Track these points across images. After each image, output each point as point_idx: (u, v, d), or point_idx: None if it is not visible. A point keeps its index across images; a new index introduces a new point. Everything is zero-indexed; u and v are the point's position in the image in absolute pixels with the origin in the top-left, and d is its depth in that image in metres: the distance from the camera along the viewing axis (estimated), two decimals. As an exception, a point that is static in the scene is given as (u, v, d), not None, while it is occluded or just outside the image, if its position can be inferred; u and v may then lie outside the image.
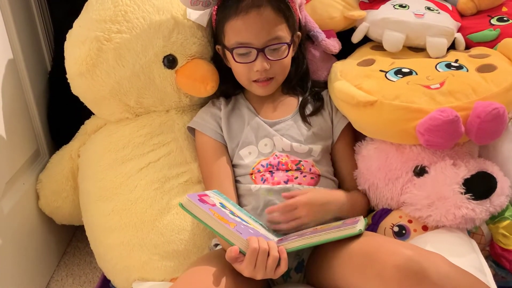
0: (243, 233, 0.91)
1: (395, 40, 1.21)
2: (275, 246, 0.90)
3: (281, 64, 1.11)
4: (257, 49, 1.07)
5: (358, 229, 0.92)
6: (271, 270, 0.88)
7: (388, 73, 1.12)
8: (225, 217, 0.93)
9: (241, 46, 1.08)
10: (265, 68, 1.09)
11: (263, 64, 1.08)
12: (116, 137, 1.21)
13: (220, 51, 1.16)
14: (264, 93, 1.15)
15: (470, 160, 1.08)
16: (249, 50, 1.08)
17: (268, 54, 1.08)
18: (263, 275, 0.88)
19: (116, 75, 1.15)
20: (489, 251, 1.12)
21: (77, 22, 1.18)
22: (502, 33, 1.21)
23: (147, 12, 1.14)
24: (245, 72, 1.12)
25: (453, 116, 0.98)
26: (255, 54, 1.08)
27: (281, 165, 1.09)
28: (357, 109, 1.08)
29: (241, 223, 0.96)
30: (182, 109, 1.23)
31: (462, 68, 1.11)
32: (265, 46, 1.07)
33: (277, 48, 1.09)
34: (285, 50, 1.10)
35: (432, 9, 1.26)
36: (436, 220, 1.05)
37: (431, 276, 0.78)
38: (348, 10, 1.28)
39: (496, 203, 1.04)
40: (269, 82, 1.12)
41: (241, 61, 1.10)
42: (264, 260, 0.88)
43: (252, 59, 1.09)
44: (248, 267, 0.88)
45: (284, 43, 1.09)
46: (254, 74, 1.10)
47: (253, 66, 1.09)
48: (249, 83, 1.14)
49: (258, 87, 1.13)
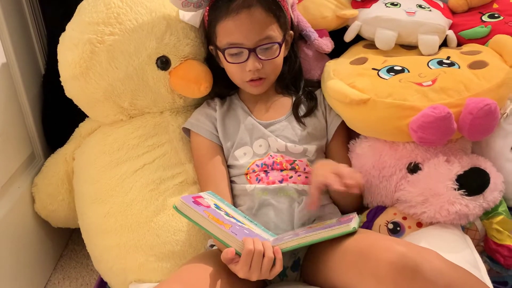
0: (238, 234, 0.91)
1: (387, 38, 1.21)
2: (270, 246, 0.90)
3: (273, 64, 1.12)
4: (248, 49, 1.08)
5: (352, 227, 0.92)
6: (266, 271, 0.88)
7: (381, 71, 1.12)
8: (220, 219, 0.93)
9: (233, 46, 1.08)
10: (257, 68, 1.09)
11: (254, 64, 1.08)
12: (111, 139, 1.21)
13: (213, 51, 1.17)
14: (257, 92, 1.16)
15: (463, 156, 1.08)
16: (241, 50, 1.08)
17: (259, 54, 1.08)
18: (258, 276, 0.89)
19: (110, 77, 1.15)
20: (483, 247, 1.13)
21: (70, 25, 1.18)
22: (493, 30, 1.22)
23: (140, 14, 1.14)
24: (238, 72, 1.12)
25: (445, 113, 0.98)
26: (246, 54, 1.08)
27: (276, 165, 1.10)
28: (351, 107, 1.08)
29: (236, 224, 0.96)
30: (176, 110, 1.23)
31: (454, 65, 1.12)
32: (256, 46, 1.08)
33: (269, 47, 1.09)
34: (276, 50, 1.11)
35: (423, 7, 1.26)
36: (430, 217, 1.05)
37: (425, 272, 0.79)
38: (340, 9, 1.28)
39: (490, 199, 1.05)
40: (262, 81, 1.13)
41: (233, 62, 1.10)
42: (259, 261, 0.88)
43: (244, 59, 1.09)
44: (243, 268, 0.88)
45: (275, 42, 1.09)
46: (247, 74, 1.11)
47: (245, 66, 1.09)
48: (243, 82, 1.14)
49: (251, 86, 1.13)
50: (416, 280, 0.79)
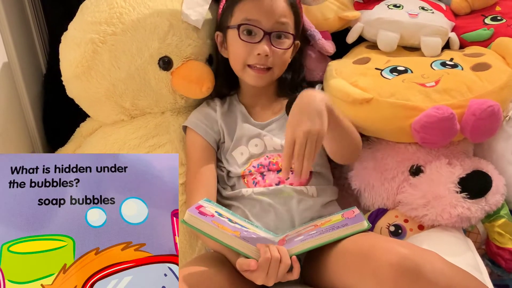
0: (249, 240, 0.91)
1: (389, 40, 1.21)
2: (286, 253, 0.90)
3: (282, 56, 1.11)
4: (264, 31, 1.07)
5: (367, 225, 0.93)
6: (283, 275, 0.89)
7: (384, 71, 1.12)
8: (228, 227, 0.93)
9: (249, 23, 1.08)
10: (266, 53, 1.07)
11: (265, 48, 1.07)
12: (112, 139, 1.20)
13: (219, 38, 1.16)
14: (257, 83, 1.13)
15: (465, 159, 1.08)
16: (257, 29, 1.08)
17: (273, 40, 1.08)
18: (275, 281, 0.89)
19: (111, 77, 1.15)
20: (485, 250, 1.12)
21: (72, 25, 1.17)
22: (496, 32, 1.22)
23: (142, 14, 1.14)
24: (245, 54, 1.10)
25: (448, 113, 0.98)
26: (261, 36, 1.08)
27: (272, 165, 1.09)
28: (353, 106, 1.08)
29: (242, 229, 0.96)
30: (177, 110, 1.23)
31: (457, 66, 1.12)
32: (272, 31, 1.08)
33: (283, 36, 1.09)
34: (289, 41, 1.10)
35: (426, 9, 1.26)
36: (432, 219, 1.05)
37: (426, 274, 0.79)
38: (342, 11, 1.28)
39: (492, 202, 1.04)
40: (266, 72, 1.11)
41: (245, 40, 1.09)
42: (276, 267, 0.88)
43: (257, 40, 1.08)
44: (261, 275, 0.88)
45: (290, 33, 1.10)
46: (254, 57, 1.09)
47: (255, 49, 1.08)
48: (244, 68, 1.12)
49: (253, 74, 1.11)
50: (417, 282, 0.79)
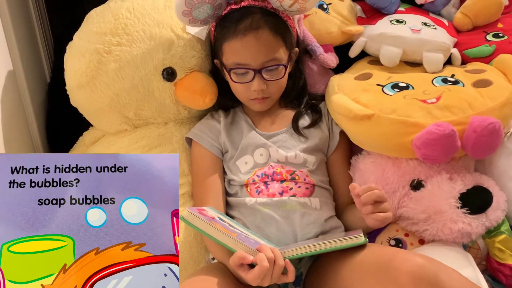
0: (245, 241, 0.92)
1: (392, 55, 1.22)
2: (280, 255, 0.90)
3: (278, 84, 1.13)
4: (254, 70, 1.09)
5: (364, 239, 0.93)
6: (277, 277, 0.89)
7: (385, 87, 1.13)
8: (227, 228, 0.94)
9: (239, 67, 1.09)
10: (261, 88, 1.10)
11: (260, 85, 1.10)
12: (114, 148, 1.21)
13: (218, 65, 1.17)
14: (261, 109, 1.17)
15: (466, 175, 1.08)
16: (247, 70, 1.09)
17: (265, 75, 1.10)
18: (270, 282, 0.90)
19: (116, 87, 1.15)
20: (485, 265, 1.12)
21: (77, 34, 1.19)
22: (497, 49, 1.22)
23: (147, 25, 1.15)
24: (243, 91, 1.13)
25: (449, 130, 0.98)
26: (252, 75, 1.09)
27: (276, 175, 1.10)
28: (354, 122, 1.08)
29: (242, 233, 0.97)
30: (180, 121, 1.24)
31: (458, 83, 1.12)
32: (262, 67, 1.09)
33: (274, 68, 1.10)
34: (281, 71, 1.12)
35: (428, 25, 1.27)
36: (433, 234, 1.05)
37: (444, 282, 0.81)
38: (345, 25, 1.29)
39: (492, 218, 1.04)
40: (265, 100, 1.14)
41: (238, 81, 1.11)
42: (270, 268, 0.88)
43: (249, 79, 1.10)
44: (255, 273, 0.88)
45: (281, 64, 1.10)
46: (252, 93, 1.12)
47: (250, 86, 1.11)
48: (247, 100, 1.15)
49: (255, 104, 1.15)
50: None
